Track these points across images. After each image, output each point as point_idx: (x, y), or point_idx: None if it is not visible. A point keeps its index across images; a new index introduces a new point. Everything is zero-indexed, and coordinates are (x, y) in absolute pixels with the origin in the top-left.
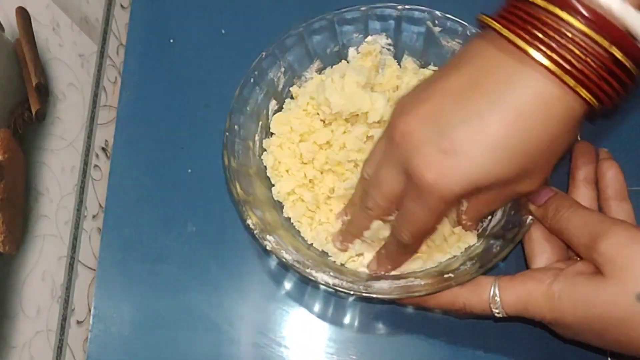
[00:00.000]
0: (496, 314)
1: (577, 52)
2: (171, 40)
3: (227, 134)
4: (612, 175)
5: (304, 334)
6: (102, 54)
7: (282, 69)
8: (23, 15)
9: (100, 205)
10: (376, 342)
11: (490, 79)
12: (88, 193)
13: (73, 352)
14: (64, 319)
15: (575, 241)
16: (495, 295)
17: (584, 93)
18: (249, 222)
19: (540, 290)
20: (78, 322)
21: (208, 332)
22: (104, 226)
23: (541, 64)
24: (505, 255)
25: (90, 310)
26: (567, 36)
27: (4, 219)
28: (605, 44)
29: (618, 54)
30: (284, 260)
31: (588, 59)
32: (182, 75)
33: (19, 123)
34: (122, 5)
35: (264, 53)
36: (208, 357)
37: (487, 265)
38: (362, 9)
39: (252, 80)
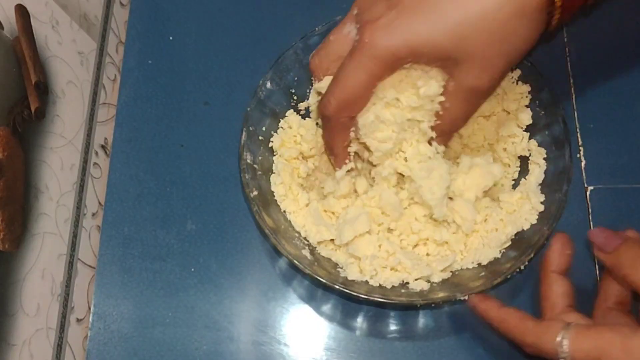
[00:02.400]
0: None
1: None
2: (170, 38)
3: (244, 174)
4: None
5: (304, 331)
6: (101, 51)
7: (284, 93)
8: (22, 12)
9: (99, 203)
10: (376, 341)
11: None
12: (87, 191)
13: (73, 350)
14: (63, 317)
15: None
16: (564, 340)
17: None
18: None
19: (617, 344)
20: (78, 320)
21: (208, 330)
22: (104, 224)
23: None
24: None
25: (90, 308)
26: None
27: (4, 216)
28: None
29: None
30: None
31: None
32: (182, 73)
33: (19, 121)
34: (121, 3)
35: (261, 80)
36: (208, 355)
37: (497, 278)
38: None
39: (255, 108)
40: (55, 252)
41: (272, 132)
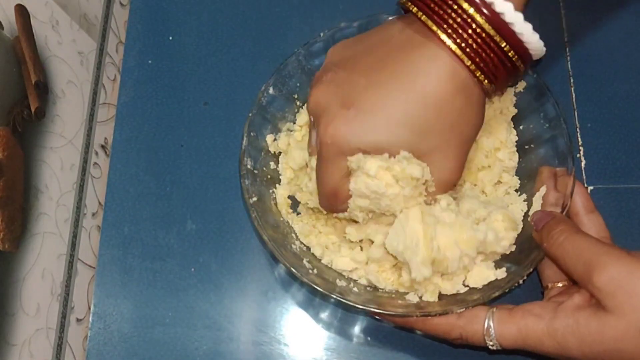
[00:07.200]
0: (490, 347)
1: (478, 41)
2: (170, 38)
3: (244, 180)
4: (575, 190)
5: (304, 331)
6: (101, 51)
7: (286, 98)
8: (22, 12)
9: (99, 203)
10: (377, 341)
11: (398, 56)
12: (87, 191)
13: (73, 350)
14: (63, 317)
15: (571, 270)
16: (490, 327)
17: (479, 75)
18: (286, 264)
19: (540, 326)
20: (78, 320)
21: (207, 330)
22: (104, 224)
23: (447, 46)
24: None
25: (90, 308)
26: (472, 27)
27: (4, 216)
28: (499, 39)
29: (508, 49)
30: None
31: (485, 48)
32: (181, 73)
33: (18, 121)
34: (121, 3)
35: (264, 86)
36: (207, 354)
37: (495, 292)
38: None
39: (257, 114)
40: (55, 252)
41: (274, 137)
